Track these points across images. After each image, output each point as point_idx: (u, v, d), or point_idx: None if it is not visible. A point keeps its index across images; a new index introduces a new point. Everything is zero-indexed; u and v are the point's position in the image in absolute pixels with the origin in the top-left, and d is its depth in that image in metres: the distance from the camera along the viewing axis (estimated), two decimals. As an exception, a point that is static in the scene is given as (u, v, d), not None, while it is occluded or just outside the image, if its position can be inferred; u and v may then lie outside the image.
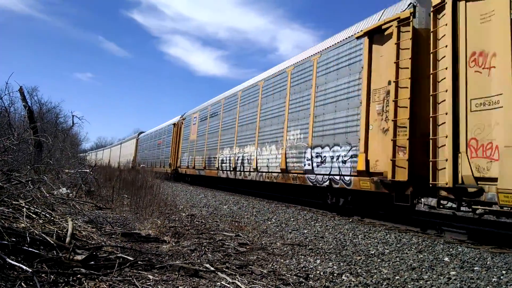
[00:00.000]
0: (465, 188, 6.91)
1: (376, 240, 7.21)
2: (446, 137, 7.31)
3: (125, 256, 4.36)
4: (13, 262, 3.42)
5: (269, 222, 9.24)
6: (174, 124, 29.89)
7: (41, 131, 17.82)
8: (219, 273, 4.30)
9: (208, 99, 25.69)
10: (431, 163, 7.68)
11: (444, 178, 7.29)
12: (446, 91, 7.43)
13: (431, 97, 7.87)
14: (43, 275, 3.44)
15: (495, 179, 6.35)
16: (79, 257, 3.92)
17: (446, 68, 7.50)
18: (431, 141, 7.76)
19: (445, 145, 7.36)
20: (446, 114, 7.36)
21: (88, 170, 13.04)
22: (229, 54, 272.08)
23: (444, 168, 7.34)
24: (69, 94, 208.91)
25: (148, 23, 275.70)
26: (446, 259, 5.81)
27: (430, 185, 7.68)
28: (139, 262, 4.26)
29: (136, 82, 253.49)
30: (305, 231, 8.05)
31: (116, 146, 62.36)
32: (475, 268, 5.31)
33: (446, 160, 7.25)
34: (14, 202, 5.91)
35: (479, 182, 6.71)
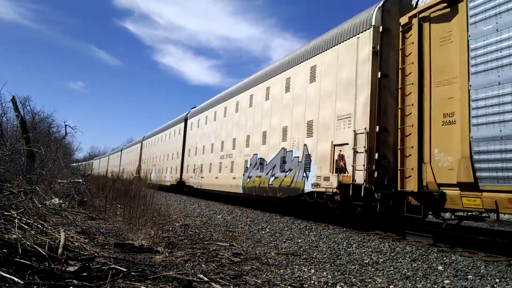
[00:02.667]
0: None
1: (370, 249, 7.21)
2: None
3: (118, 267, 4.32)
4: (4, 274, 3.38)
5: (263, 232, 9.22)
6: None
7: (34, 141, 17.71)
8: (213, 283, 4.27)
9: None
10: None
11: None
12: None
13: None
14: (34, 286, 3.40)
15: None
16: (71, 269, 3.88)
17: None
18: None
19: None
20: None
21: (81, 180, 12.94)
22: (222, 63, 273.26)
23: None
24: (61, 103, 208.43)
25: (141, 32, 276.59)
26: (440, 267, 5.82)
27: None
28: (132, 273, 4.22)
29: (128, 91, 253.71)
30: (299, 241, 8.04)
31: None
32: (468, 276, 5.33)
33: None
34: (5, 213, 5.86)
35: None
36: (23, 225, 5.60)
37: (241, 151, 16.96)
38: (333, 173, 10.30)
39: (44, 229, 5.70)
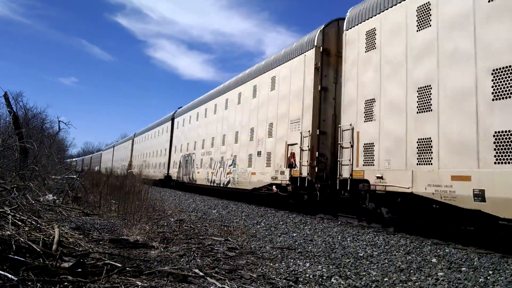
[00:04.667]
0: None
1: (364, 243, 7.25)
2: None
3: (113, 263, 4.31)
4: (-2, 271, 3.36)
5: (258, 226, 9.24)
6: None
7: (27, 137, 17.57)
8: (208, 278, 4.28)
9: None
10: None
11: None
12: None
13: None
14: (29, 283, 3.38)
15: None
16: (66, 265, 3.87)
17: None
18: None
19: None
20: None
21: (75, 176, 12.88)
22: (215, 57, 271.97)
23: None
24: (53, 99, 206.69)
25: (133, 27, 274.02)
26: (434, 260, 5.87)
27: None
28: (127, 268, 4.21)
29: (122, 87, 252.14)
30: (294, 235, 8.06)
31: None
32: (462, 268, 5.38)
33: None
34: (-1, 210, 5.81)
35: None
36: (16, 221, 5.57)
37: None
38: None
39: (38, 225, 5.67)
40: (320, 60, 11.77)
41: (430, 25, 8.02)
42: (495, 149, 6.43)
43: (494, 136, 6.47)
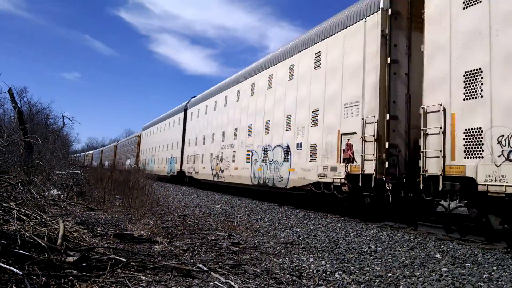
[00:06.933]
0: None
1: (368, 238, 7.25)
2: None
3: (118, 257, 4.33)
4: (4, 265, 3.38)
5: (262, 221, 9.25)
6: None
7: (31, 133, 17.66)
8: (212, 273, 4.29)
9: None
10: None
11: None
12: None
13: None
14: (34, 277, 3.41)
15: None
16: (70, 259, 3.89)
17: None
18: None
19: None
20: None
21: (79, 171, 12.94)
22: (218, 52, 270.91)
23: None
24: (57, 94, 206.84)
25: (135, 22, 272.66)
26: (438, 255, 5.86)
27: None
28: (131, 263, 4.23)
29: (125, 82, 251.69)
30: (298, 230, 8.07)
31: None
32: (466, 264, 5.37)
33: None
34: (4, 204, 5.86)
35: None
36: (22, 216, 5.60)
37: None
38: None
39: (43, 220, 5.70)
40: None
41: None
42: None
43: None
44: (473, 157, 6.85)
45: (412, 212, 9.25)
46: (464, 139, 7.06)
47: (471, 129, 6.94)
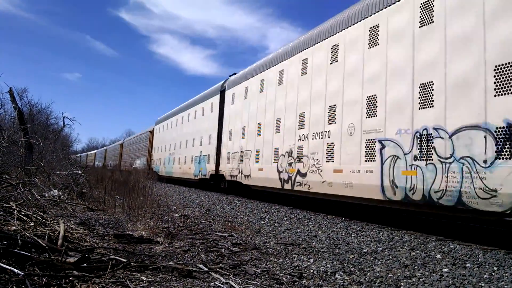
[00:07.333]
0: None
1: (369, 238, 7.25)
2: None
3: (118, 258, 4.33)
4: (4, 266, 3.38)
5: (262, 222, 9.25)
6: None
7: (32, 133, 17.68)
8: (212, 273, 4.29)
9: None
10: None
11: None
12: None
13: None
14: (35, 278, 3.41)
15: None
16: (71, 260, 3.89)
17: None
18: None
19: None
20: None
21: (80, 172, 12.94)
22: (218, 52, 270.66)
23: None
24: (58, 95, 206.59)
25: (136, 22, 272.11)
26: (438, 256, 5.86)
27: None
28: (132, 263, 4.23)
29: (125, 82, 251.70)
30: (298, 230, 8.07)
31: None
32: (467, 265, 5.36)
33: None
34: (4, 205, 5.86)
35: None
36: (22, 216, 5.60)
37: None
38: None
39: (44, 220, 5.70)
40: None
41: None
42: None
43: None
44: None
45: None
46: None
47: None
